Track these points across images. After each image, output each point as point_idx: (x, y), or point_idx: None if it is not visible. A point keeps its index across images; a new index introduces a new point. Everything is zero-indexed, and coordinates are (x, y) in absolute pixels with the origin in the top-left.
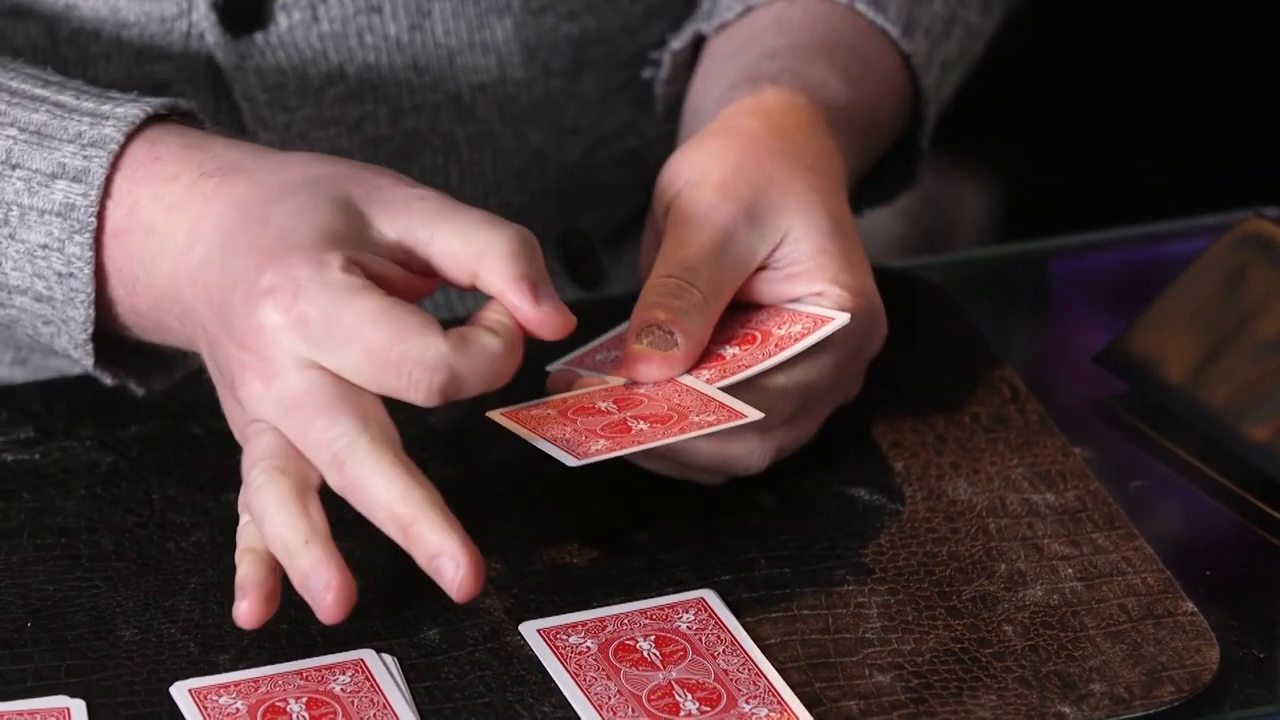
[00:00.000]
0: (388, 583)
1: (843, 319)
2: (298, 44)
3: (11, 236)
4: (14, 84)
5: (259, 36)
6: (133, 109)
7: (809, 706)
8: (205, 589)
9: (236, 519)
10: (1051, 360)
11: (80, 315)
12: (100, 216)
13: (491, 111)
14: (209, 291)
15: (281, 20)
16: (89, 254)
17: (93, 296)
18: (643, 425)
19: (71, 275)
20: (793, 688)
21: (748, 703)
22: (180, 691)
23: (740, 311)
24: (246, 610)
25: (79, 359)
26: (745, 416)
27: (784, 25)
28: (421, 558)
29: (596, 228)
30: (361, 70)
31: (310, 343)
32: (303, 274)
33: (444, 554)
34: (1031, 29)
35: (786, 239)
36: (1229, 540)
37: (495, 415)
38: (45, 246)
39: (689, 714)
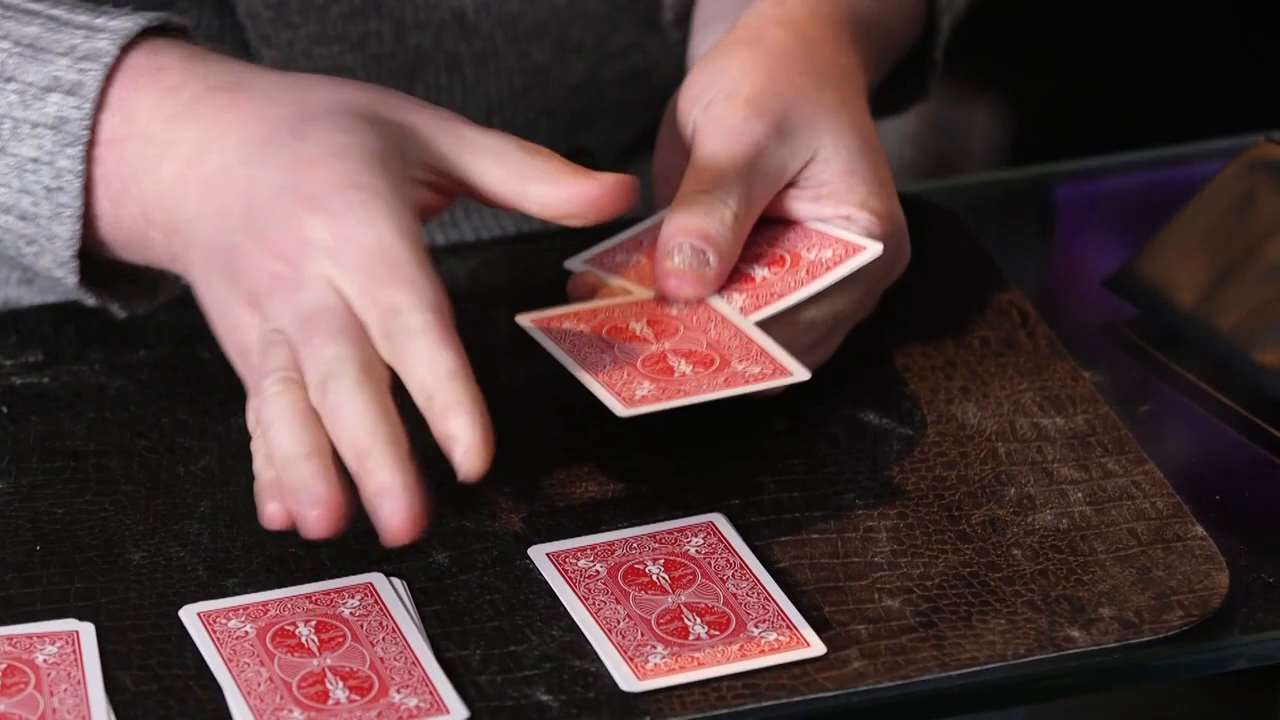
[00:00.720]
0: None
1: (875, 249)
2: None
3: (2, 150)
4: None
5: None
6: (127, 22)
7: (818, 630)
8: (214, 512)
9: (246, 443)
10: (1061, 285)
11: (66, 231)
12: (94, 129)
13: (495, 29)
14: (229, 200)
15: None
16: (79, 167)
17: (80, 211)
18: (684, 367)
19: (60, 189)
20: (801, 611)
21: (756, 626)
22: (189, 615)
23: (767, 228)
24: (274, 510)
25: (62, 278)
26: (791, 374)
27: None
28: (367, 489)
29: (601, 147)
30: None
31: (345, 273)
32: (354, 198)
33: (386, 492)
34: None
35: (816, 157)
36: (1238, 465)
37: (524, 321)
38: (35, 160)
39: (698, 638)
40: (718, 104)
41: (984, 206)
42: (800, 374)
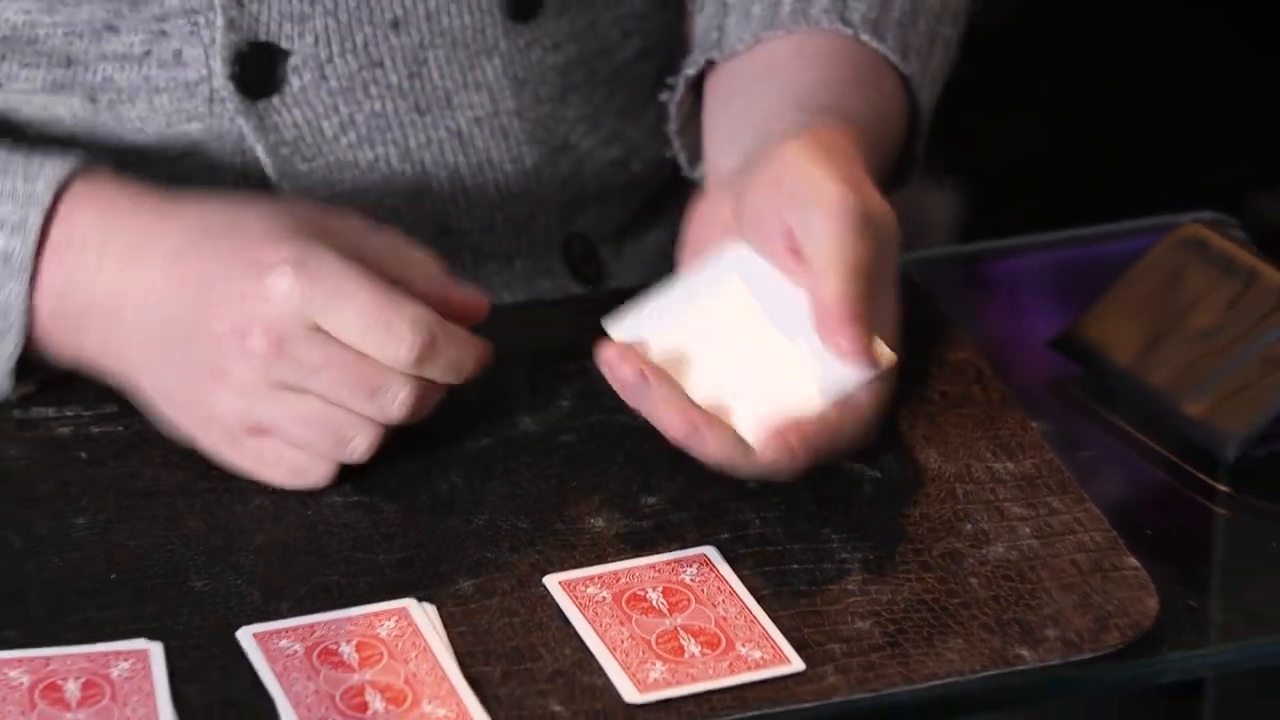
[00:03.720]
0: (428, 541)
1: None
2: (310, 101)
3: None
4: None
5: (274, 98)
6: (59, 166)
7: (797, 649)
8: (268, 546)
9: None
10: (1012, 345)
11: (6, 351)
12: (37, 257)
13: (489, 141)
14: (172, 288)
15: (294, 81)
16: (23, 303)
17: (22, 336)
18: (694, 648)
19: (5, 313)
20: (783, 633)
21: (744, 645)
22: (245, 635)
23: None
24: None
25: None
26: (789, 663)
27: (810, 58)
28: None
29: (596, 230)
30: (369, 118)
31: (316, 307)
32: (304, 254)
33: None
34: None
35: None
36: (1167, 503)
37: (551, 583)
38: None
39: (692, 655)
40: (834, 202)
41: (944, 276)
42: (796, 664)
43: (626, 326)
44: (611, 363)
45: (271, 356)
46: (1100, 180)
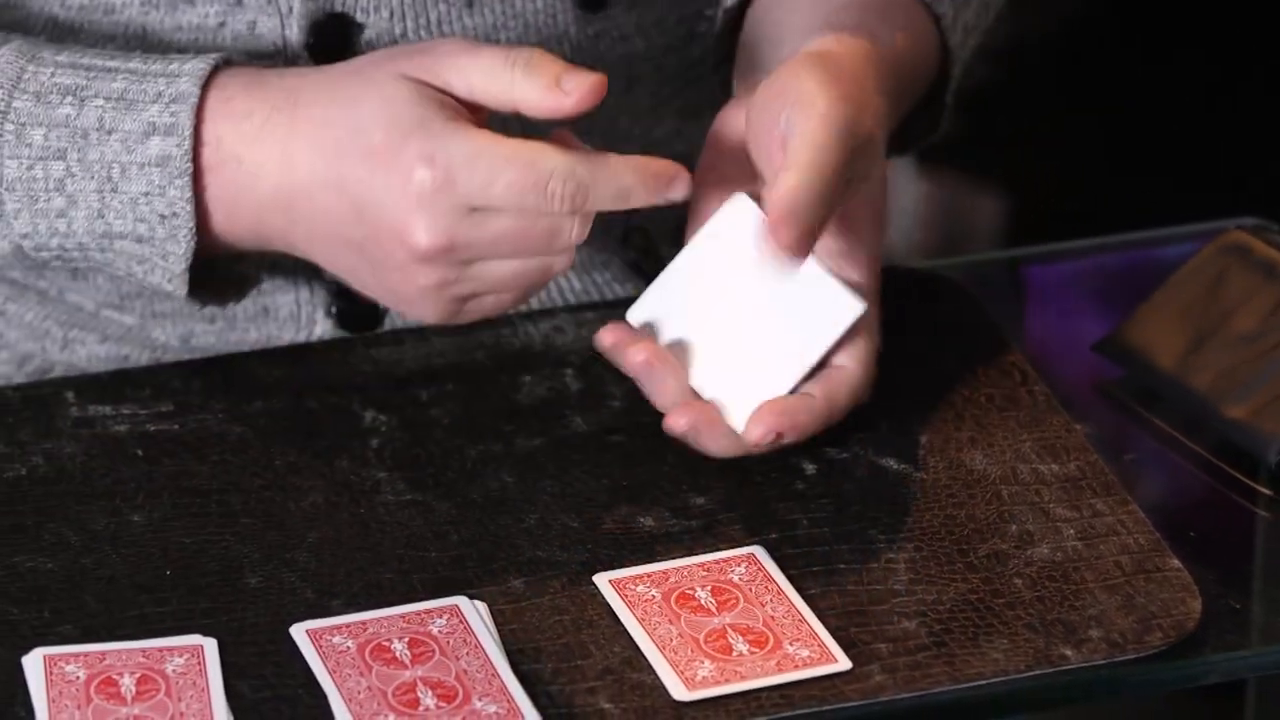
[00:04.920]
0: (480, 539)
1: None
2: None
3: (115, 190)
4: (86, 60)
5: None
6: (198, 63)
7: (844, 648)
8: (320, 543)
9: (348, 481)
10: (1057, 348)
11: (180, 249)
12: (194, 160)
13: (551, 125)
14: (336, 205)
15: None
16: (189, 194)
17: (193, 230)
18: (742, 646)
19: (175, 215)
20: (830, 632)
21: (791, 644)
22: (298, 631)
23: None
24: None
25: (173, 289)
26: (836, 662)
27: None
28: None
29: (654, 224)
30: None
31: (465, 194)
32: (431, 146)
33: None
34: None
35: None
36: (1210, 505)
37: (601, 581)
38: (147, 194)
39: (740, 654)
40: (818, 100)
41: (989, 280)
42: (844, 664)
43: (637, 312)
44: (619, 346)
45: (444, 251)
46: (1145, 186)
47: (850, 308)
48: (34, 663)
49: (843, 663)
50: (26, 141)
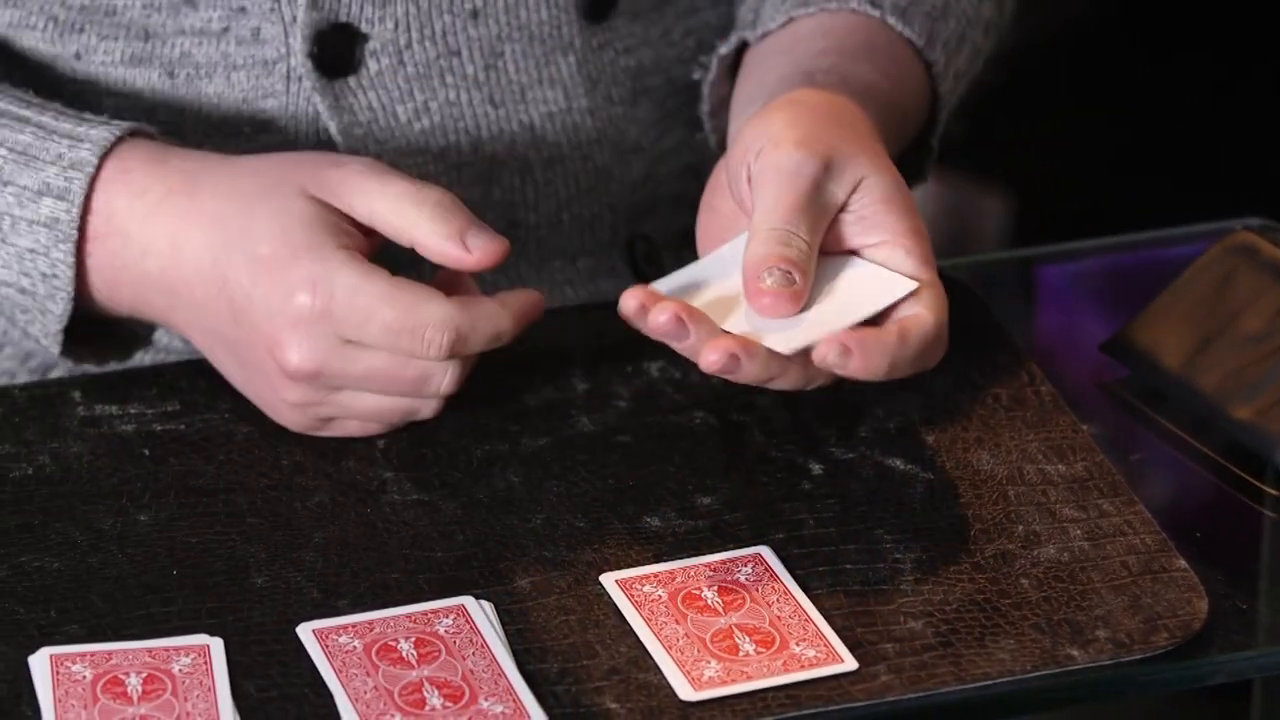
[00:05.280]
0: (486, 539)
1: (910, 285)
2: (386, 86)
3: (3, 240)
4: (3, 104)
5: (351, 80)
6: (104, 131)
7: (850, 648)
8: (327, 543)
9: (354, 483)
10: (1063, 349)
11: (58, 309)
12: (81, 228)
13: (560, 137)
14: (212, 296)
15: (371, 65)
16: (70, 259)
17: (71, 294)
18: (748, 646)
19: (55, 276)
20: (837, 632)
21: (797, 645)
22: (305, 631)
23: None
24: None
25: (47, 345)
26: (842, 662)
27: (827, 30)
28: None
29: (660, 233)
30: (444, 106)
31: (341, 327)
32: (316, 271)
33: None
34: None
35: (860, 186)
36: (1216, 505)
37: (608, 581)
38: (33, 251)
39: (747, 654)
40: (768, 151)
41: (995, 281)
42: (850, 664)
43: (664, 283)
44: (644, 308)
45: (312, 376)
46: (1151, 186)
47: (902, 284)
48: (40, 662)
49: (849, 663)
50: None
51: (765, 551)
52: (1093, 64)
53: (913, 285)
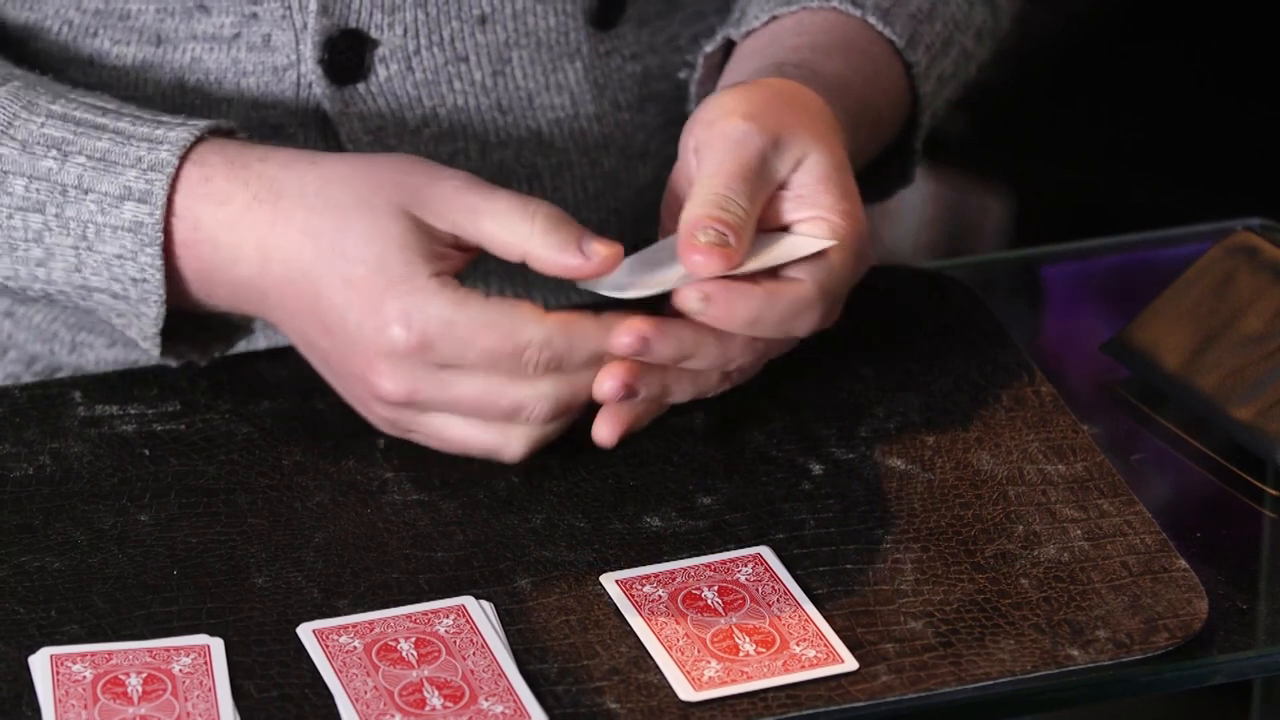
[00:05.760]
0: (487, 539)
1: (827, 244)
2: (395, 92)
3: (90, 249)
4: (78, 114)
5: (360, 86)
6: (183, 132)
7: (851, 648)
8: (327, 543)
9: (355, 483)
10: (1063, 349)
11: (152, 313)
12: (167, 231)
13: (568, 143)
14: (307, 312)
15: (380, 71)
16: (159, 263)
17: (164, 297)
18: (749, 646)
19: (145, 280)
20: (837, 632)
21: (798, 645)
22: (305, 631)
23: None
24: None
25: (147, 348)
26: (843, 662)
27: (804, 27)
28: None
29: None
30: (452, 112)
31: (435, 357)
32: (410, 304)
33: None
34: (1045, 61)
35: (801, 165)
36: (1217, 506)
37: (607, 581)
38: (120, 256)
39: (747, 654)
40: (719, 121)
41: (995, 281)
42: (850, 664)
43: (605, 284)
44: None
45: (404, 403)
46: (1151, 186)
47: (807, 243)
48: (41, 662)
49: (849, 663)
50: (8, 190)
51: (765, 551)
52: (1093, 64)
53: (818, 244)
